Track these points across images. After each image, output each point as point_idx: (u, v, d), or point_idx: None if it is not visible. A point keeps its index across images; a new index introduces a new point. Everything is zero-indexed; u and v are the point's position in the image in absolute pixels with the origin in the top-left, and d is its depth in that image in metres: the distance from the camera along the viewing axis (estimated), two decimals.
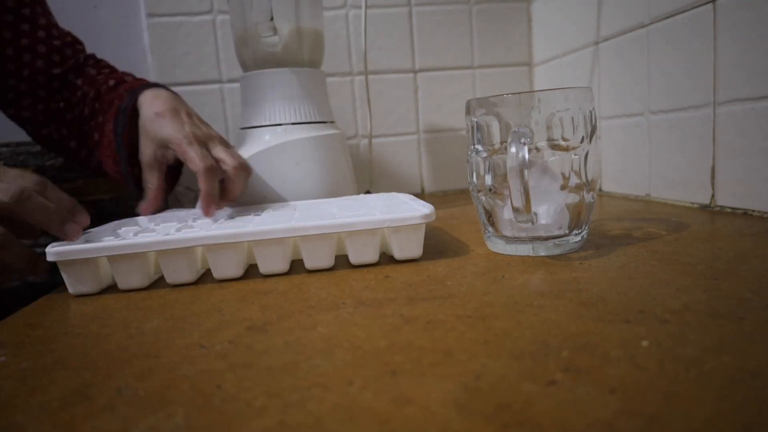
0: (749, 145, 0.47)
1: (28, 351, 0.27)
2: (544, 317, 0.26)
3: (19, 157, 0.81)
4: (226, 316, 0.30)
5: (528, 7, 0.89)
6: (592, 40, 0.71)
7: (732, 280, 0.30)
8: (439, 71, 0.89)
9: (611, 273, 0.33)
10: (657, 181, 0.61)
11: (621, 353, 0.21)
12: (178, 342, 0.26)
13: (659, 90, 0.59)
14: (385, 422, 0.18)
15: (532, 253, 0.38)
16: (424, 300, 0.30)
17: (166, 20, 0.81)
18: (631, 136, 0.65)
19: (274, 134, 0.60)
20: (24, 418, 0.20)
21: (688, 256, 0.35)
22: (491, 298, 0.30)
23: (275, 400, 0.20)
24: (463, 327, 0.25)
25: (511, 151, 0.33)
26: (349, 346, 0.24)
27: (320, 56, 0.65)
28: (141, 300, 0.35)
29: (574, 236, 0.39)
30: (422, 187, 0.90)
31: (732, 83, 0.48)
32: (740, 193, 0.49)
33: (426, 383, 0.20)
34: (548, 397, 0.18)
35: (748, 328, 0.23)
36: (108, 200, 0.84)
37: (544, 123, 0.36)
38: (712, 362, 0.20)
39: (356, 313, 0.29)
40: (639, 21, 0.61)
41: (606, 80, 0.69)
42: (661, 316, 0.25)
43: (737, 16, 0.47)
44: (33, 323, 0.32)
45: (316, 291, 0.34)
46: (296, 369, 0.22)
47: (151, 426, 0.18)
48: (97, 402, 0.21)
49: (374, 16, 0.85)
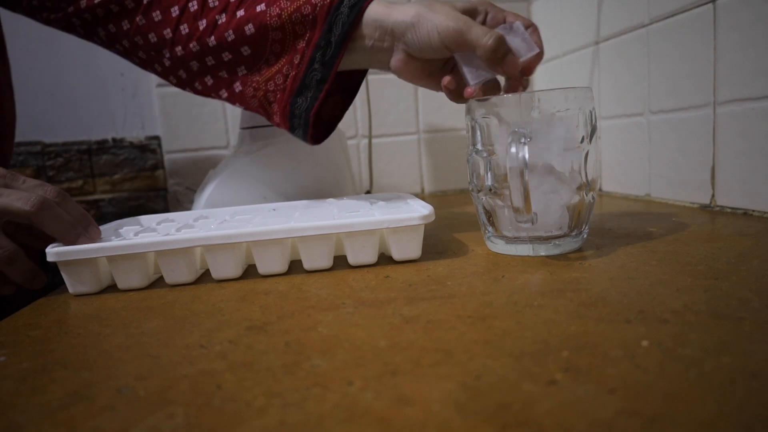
0: (749, 145, 0.47)
1: (28, 351, 0.27)
2: (544, 317, 0.26)
3: (18, 157, 0.81)
4: (226, 316, 0.30)
5: (528, 7, 0.89)
6: (592, 39, 0.71)
7: (732, 280, 0.30)
8: None
9: (611, 273, 0.33)
10: (657, 181, 0.61)
11: (621, 353, 0.21)
12: (178, 342, 0.26)
13: (659, 90, 0.59)
14: (385, 422, 0.18)
15: (532, 253, 0.38)
16: (424, 300, 0.30)
17: None
18: (631, 136, 0.65)
19: (275, 134, 0.60)
20: (24, 418, 0.20)
21: (688, 256, 0.35)
22: (491, 298, 0.30)
23: (275, 400, 0.20)
24: (463, 327, 0.25)
25: (511, 151, 0.33)
26: (349, 346, 0.24)
27: None
28: (141, 300, 0.35)
29: (574, 236, 0.38)
30: (422, 187, 0.90)
31: (732, 83, 0.48)
32: (740, 193, 0.49)
33: (426, 383, 0.20)
34: (548, 397, 0.18)
35: (748, 328, 0.23)
36: (108, 200, 0.84)
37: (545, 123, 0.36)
38: (712, 362, 0.20)
39: (356, 313, 0.29)
40: (639, 21, 0.61)
41: (606, 80, 0.69)
42: (661, 316, 0.25)
43: (737, 16, 0.47)
44: (33, 323, 0.32)
45: (316, 291, 0.34)
46: (296, 369, 0.22)
47: (151, 426, 0.18)
48: (97, 402, 0.21)
49: None
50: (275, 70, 0.46)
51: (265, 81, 0.47)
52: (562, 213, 0.37)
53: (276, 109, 0.47)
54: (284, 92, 0.46)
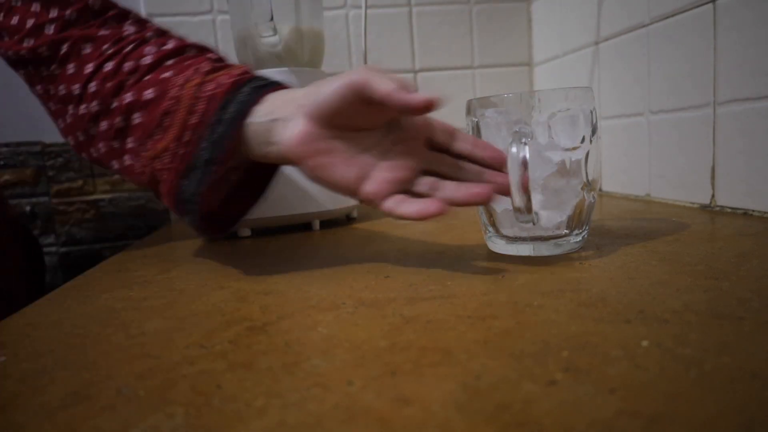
0: (749, 145, 0.47)
1: (28, 351, 0.27)
2: (544, 317, 0.26)
3: (19, 157, 0.81)
4: (226, 316, 0.30)
5: (528, 7, 0.89)
6: (593, 40, 0.71)
7: (732, 280, 0.30)
8: (439, 71, 0.89)
9: (611, 273, 0.33)
10: (657, 181, 0.61)
11: (621, 353, 0.21)
12: (178, 342, 0.26)
13: (659, 90, 0.59)
14: (385, 422, 0.18)
15: (533, 253, 0.38)
16: (424, 300, 0.30)
17: (166, 20, 0.81)
18: (631, 136, 0.65)
19: None
20: (24, 419, 0.20)
21: (688, 256, 0.35)
22: (491, 298, 0.30)
23: (275, 400, 0.20)
24: (463, 327, 0.25)
25: (511, 150, 0.33)
26: (349, 346, 0.24)
27: (320, 56, 0.65)
28: (141, 300, 0.35)
29: (575, 236, 0.38)
30: None
31: (732, 83, 0.48)
32: (740, 193, 0.49)
33: (426, 383, 0.20)
34: (548, 397, 0.18)
35: (748, 328, 0.23)
36: (108, 200, 0.84)
37: (545, 123, 0.36)
38: (712, 362, 0.20)
39: (356, 313, 0.29)
40: (639, 21, 0.61)
41: (606, 80, 0.69)
42: (661, 316, 0.25)
43: (737, 16, 0.47)
44: (33, 323, 0.32)
45: (316, 291, 0.34)
46: (296, 369, 0.22)
47: (151, 426, 0.18)
48: (97, 402, 0.20)
49: (374, 16, 0.85)
50: (162, 147, 0.40)
51: (151, 158, 0.41)
52: (563, 213, 0.37)
53: (164, 189, 0.41)
54: (171, 172, 0.40)
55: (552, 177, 0.37)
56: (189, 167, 0.39)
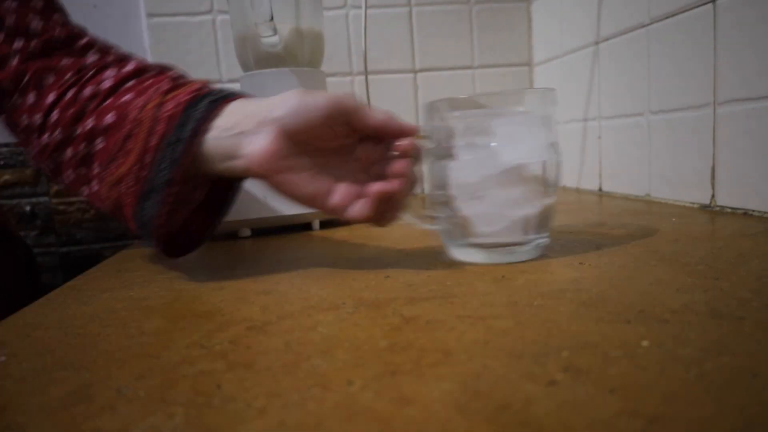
0: (749, 145, 0.47)
1: (28, 351, 0.27)
2: (544, 317, 0.26)
3: (19, 157, 0.81)
4: (226, 316, 0.30)
5: (528, 7, 0.89)
6: (592, 40, 0.71)
7: (732, 280, 0.30)
8: (439, 71, 0.89)
9: (611, 273, 0.33)
10: (657, 181, 0.61)
11: (621, 353, 0.21)
12: (178, 342, 0.26)
13: (659, 90, 0.59)
14: (385, 422, 0.18)
15: (487, 261, 0.37)
16: (424, 300, 0.30)
17: (166, 20, 0.81)
18: (631, 136, 0.65)
19: None
20: (24, 419, 0.20)
21: (688, 256, 0.35)
22: (491, 298, 0.30)
23: (275, 400, 0.20)
24: (463, 327, 0.25)
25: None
26: (349, 346, 0.24)
27: (320, 56, 0.65)
28: (141, 300, 0.35)
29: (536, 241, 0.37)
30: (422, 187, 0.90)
31: (732, 83, 0.48)
32: (740, 193, 0.49)
33: (426, 383, 0.20)
34: (548, 397, 0.18)
35: (748, 328, 0.23)
36: None
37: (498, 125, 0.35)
38: (712, 362, 0.20)
39: (356, 313, 0.29)
40: (639, 21, 0.61)
41: (606, 80, 0.69)
42: (661, 316, 0.25)
43: (737, 16, 0.47)
44: (33, 323, 0.32)
45: (316, 291, 0.34)
46: (296, 369, 0.22)
47: (151, 426, 0.18)
48: (97, 402, 0.20)
49: (374, 16, 0.85)
50: (124, 171, 0.39)
51: (116, 182, 0.40)
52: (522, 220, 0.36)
53: (127, 213, 0.40)
54: (132, 195, 0.39)
55: (500, 182, 0.36)
56: (150, 189, 0.38)
